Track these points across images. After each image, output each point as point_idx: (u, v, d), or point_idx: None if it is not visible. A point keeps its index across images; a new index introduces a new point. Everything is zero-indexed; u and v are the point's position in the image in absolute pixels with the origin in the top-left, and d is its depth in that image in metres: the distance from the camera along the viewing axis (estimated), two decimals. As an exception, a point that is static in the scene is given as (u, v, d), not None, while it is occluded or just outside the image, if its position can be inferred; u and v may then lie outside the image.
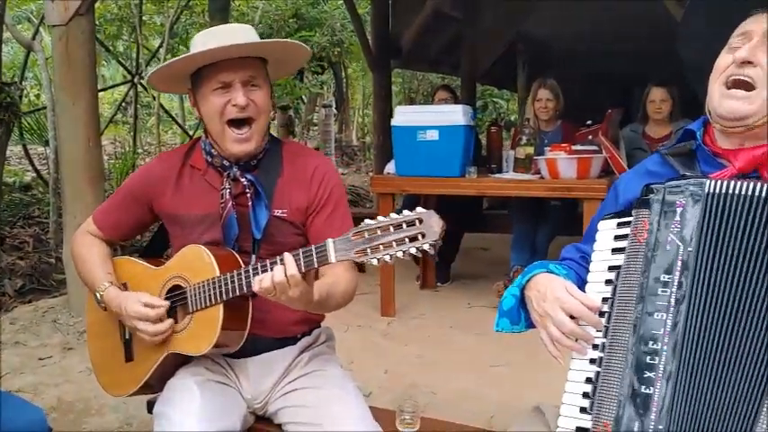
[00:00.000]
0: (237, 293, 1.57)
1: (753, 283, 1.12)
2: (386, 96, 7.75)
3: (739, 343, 1.11)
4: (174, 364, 1.76)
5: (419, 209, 1.36)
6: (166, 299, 1.72)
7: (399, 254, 1.35)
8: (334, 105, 12.19)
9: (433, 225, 1.34)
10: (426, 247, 1.34)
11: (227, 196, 1.72)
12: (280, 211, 1.75)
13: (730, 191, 1.15)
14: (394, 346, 3.73)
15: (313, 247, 1.45)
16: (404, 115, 4.17)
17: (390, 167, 4.46)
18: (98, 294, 1.77)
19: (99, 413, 2.94)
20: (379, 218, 1.38)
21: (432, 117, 4.05)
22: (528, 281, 1.40)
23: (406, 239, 1.34)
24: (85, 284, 1.86)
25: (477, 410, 2.78)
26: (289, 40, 1.83)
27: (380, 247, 1.36)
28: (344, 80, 14.04)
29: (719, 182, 1.17)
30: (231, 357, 1.79)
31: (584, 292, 1.31)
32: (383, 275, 4.18)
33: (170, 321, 1.69)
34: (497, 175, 4.14)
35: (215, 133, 1.73)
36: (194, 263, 1.67)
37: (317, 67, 11.34)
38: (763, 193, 1.13)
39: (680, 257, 1.16)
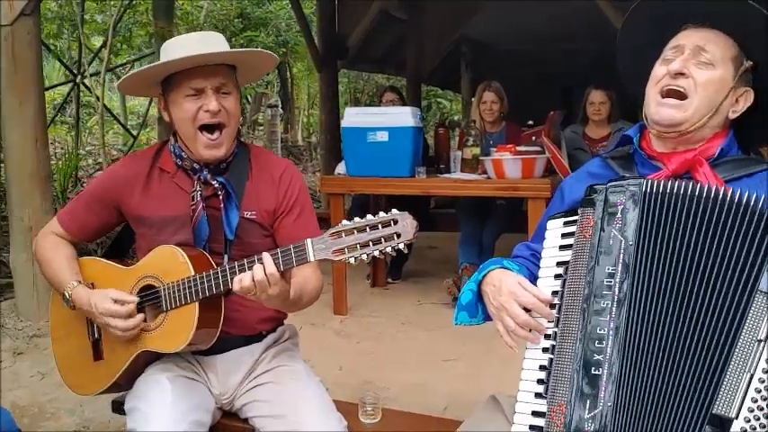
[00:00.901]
0: (214, 292, 1.62)
1: (691, 273, 1.22)
2: (333, 96, 7.81)
3: (680, 333, 1.21)
4: (145, 362, 1.80)
5: (394, 210, 1.44)
6: (138, 297, 1.76)
7: (376, 253, 1.43)
8: (279, 105, 12.15)
9: (408, 226, 1.42)
10: (401, 246, 1.42)
11: (198, 198, 1.77)
12: (249, 212, 1.81)
13: (666, 190, 1.27)
14: (347, 344, 3.81)
15: (292, 246, 1.51)
16: (354, 117, 4.23)
17: (341, 168, 4.53)
18: (67, 293, 1.79)
19: (54, 417, 2.93)
20: (356, 219, 1.45)
21: (381, 118, 4.13)
22: (484, 276, 1.49)
23: (382, 239, 1.42)
24: (51, 285, 1.88)
25: (430, 403, 2.87)
26: (261, 49, 1.88)
27: (357, 246, 1.43)
28: (289, 80, 14.01)
29: (656, 182, 1.29)
30: (199, 355, 1.84)
31: (535, 286, 1.40)
32: (335, 275, 4.25)
33: (141, 316, 1.72)
34: (446, 175, 4.25)
35: (186, 137, 1.77)
36: (168, 263, 1.71)
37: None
38: (696, 192, 1.24)
39: (622, 250, 1.27)
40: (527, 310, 1.37)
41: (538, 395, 1.33)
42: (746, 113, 1.42)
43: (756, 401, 1.13)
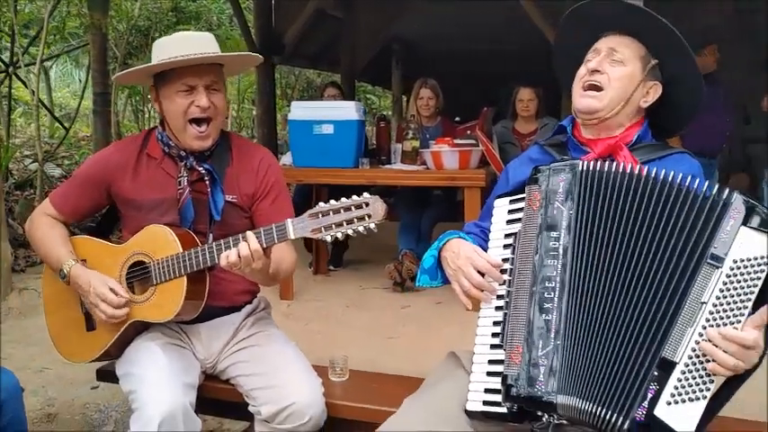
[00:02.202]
0: (201, 267, 1.80)
1: (621, 233, 1.47)
2: (269, 92, 7.94)
3: (626, 285, 1.44)
4: (134, 332, 1.97)
5: (365, 194, 1.64)
6: (128, 273, 1.93)
7: (350, 231, 1.63)
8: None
9: (378, 208, 1.62)
10: (372, 226, 1.62)
11: (185, 183, 1.94)
12: (230, 196, 1.98)
13: (598, 168, 1.53)
14: (296, 325, 4.00)
15: (274, 225, 1.71)
16: (300, 110, 4.43)
17: (286, 159, 4.71)
18: (65, 269, 1.93)
19: (18, 396, 3.01)
20: (332, 201, 1.65)
21: (327, 112, 4.35)
22: (444, 244, 1.72)
23: (355, 219, 1.62)
24: (47, 262, 2.02)
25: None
26: (250, 53, 2.08)
27: (333, 225, 1.63)
28: (220, 74, 13.93)
29: (590, 162, 1.56)
30: (184, 324, 2.01)
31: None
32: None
33: (126, 310, 1.89)
34: (387, 166, 4.50)
35: (176, 128, 1.94)
36: (158, 241, 1.88)
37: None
38: (621, 169, 1.50)
39: (565, 219, 1.52)
40: (481, 275, 1.60)
41: (493, 346, 1.55)
42: (660, 107, 1.72)
43: (695, 350, 1.36)
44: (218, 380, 2.07)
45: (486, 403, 1.52)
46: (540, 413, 1.48)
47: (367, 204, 1.62)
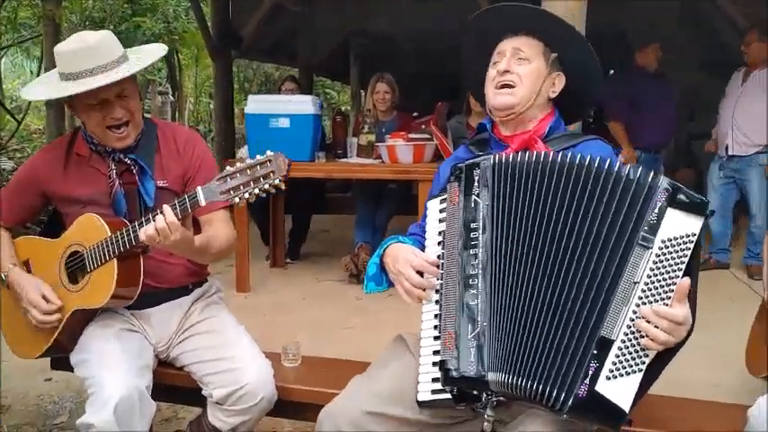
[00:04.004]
0: (128, 247, 1.84)
1: (532, 214, 1.55)
2: (227, 85, 7.91)
3: (532, 262, 1.53)
4: (80, 322, 2.00)
5: (269, 152, 1.68)
6: (67, 264, 1.97)
7: (257, 191, 1.66)
8: (170, 93, 12.00)
9: (281, 163, 1.67)
10: (277, 182, 1.66)
11: (114, 176, 1.99)
12: (161, 182, 2.03)
13: (510, 160, 1.61)
14: (253, 317, 4.03)
15: (186, 195, 1.76)
16: (257, 104, 4.46)
17: (243, 152, 4.74)
18: (2, 275, 2.00)
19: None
20: (237, 164, 1.69)
21: (283, 106, 4.40)
22: (384, 250, 1.80)
23: (261, 178, 1.66)
24: None
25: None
26: (152, 57, 2.02)
27: (241, 187, 1.67)
28: (177, 67, 13.82)
29: (502, 155, 1.63)
30: (134, 309, 2.05)
31: (424, 253, 1.72)
32: (237, 254, 4.48)
33: (57, 317, 1.94)
34: (343, 160, 4.56)
35: (97, 134, 1.97)
36: (88, 229, 1.92)
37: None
38: (532, 159, 1.58)
39: (482, 210, 1.61)
40: (420, 274, 1.68)
41: (435, 338, 1.63)
42: (566, 97, 1.84)
43: (630, 327, 1.44)
44: (171, 367, 2.11)
45: (434, 392, 1.60)
46: (476, 392, 1.56)
47: (270, 161, 1.67)
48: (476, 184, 1.63)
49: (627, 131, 5.16)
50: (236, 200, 1.68)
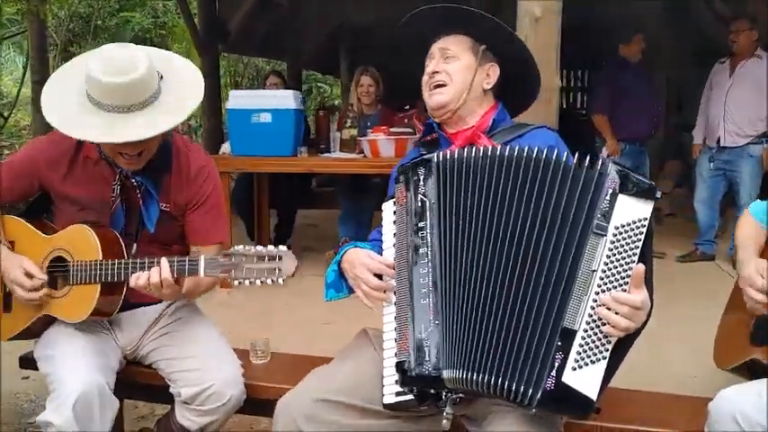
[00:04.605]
0: (115, 281, 1.83)
1: (480, 210, 1.55)
2: (214, 80, 7.88)
3: (485, 259, 1.53)
4: (48, 322, 1.98)
5: (281, 247, 1.69)
6: (50, 266, 1.94)
7: (257, 282, 1.69)
8: (159, 88, 11.92)
9: (290, 265, 1.68)
10: (280, 281, 1.69)
11: (117, 191, 1.93)
12: (164, 205, 1.98)
13: (455, 156, 1.61)
14: (234, 313, 4.04)
15: (187, 258, 1.76)
16: (238, 99, 4.45)
17: (225, 148, 4.72)
18: None
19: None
20: (249, 247, 1.70)
21: (265, 101, 4.39)
22: (342, 256, 1.79)
23: (266, 271, 1.68)
24: None
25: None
26: (194, 103, 1.86)
27: (244, 271, 1.68)
28: (167, 62, 13.73)
29: (446, 152, 1.64)
30: None
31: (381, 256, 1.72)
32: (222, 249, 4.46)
33: (44, 291, 1.90)
34: (326, 155, 4.55)
35: (107, 153, 1.90)
36: (80, 242, 1.88)
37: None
38: (477, 154, 1.58)
39: (428, 208, 1.61)
40: (380, 277, 1.67)
41: (396, 339, 1.62)
42: (509, 87, 1.85)
43: (591, 316, 1.44)
44: (141, 365, 2.10)
45: (398, 394, 1.60)
46: (434, 391, 1.56)
47: (280, 258, 1.68)
48: (421, 183, 1.63)
49: (611, 123, 5.16)
50: (235, 282, 1.69)
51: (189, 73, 1.92)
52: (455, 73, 1.79)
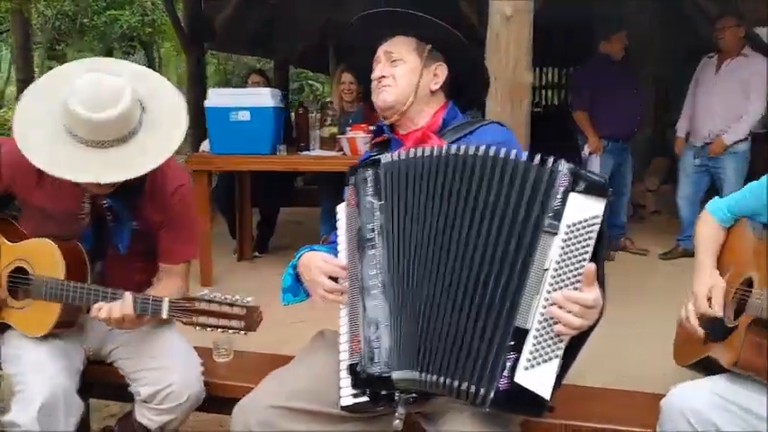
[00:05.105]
0: (76, 304, 1.83)
1: (428, 210, 1.54)
2: (200, 77, 7.86)
3: (435, 259, 1.52)
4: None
5: (248, 298, 1.72)
6: (11, 276, 1.93)
7: (218, 330, 1.73)
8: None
9: (255, 318, 1.72)
10: (241, 333, 1.72)
11: (87, 209, 1.91)
12: (136, 223, 1.96)
13: (401, 158, 1.60)
14: (213, 311, 4.03)
15: (151, 298, 1.76)
16: (217, 97, 4.45)
17: (205, 146, 4.72)
18: None
19: None
20: (216, 294, 1.72)
21: (243, 99, 4.39)
22: (298, 260, 1.79)
23: (229, 319, 1.71)
24: None
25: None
26: (173, 143, 1.79)
27: (207, 319, 1.71)
28: (157, 60, 13.74)
29: (393, 154, 1.62)
30: None
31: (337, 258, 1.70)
32: (201, 248, 4.45)
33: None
34: (305, 153, 4.55)
35: None
36: (44, 257, 1.87)
37: (128, 47, 11.06)
38: (423, 154, 1.57)
39: (377, 209, 1.60)
40: (336, 280, 1.67)
41: None
42: (460, 83, 1.84)
43: (543, 315, 1.44)
44: (103, 364, 2.09)
45: (354, 395, 1.59)
46: (385, 392, 1.56)
47: (247, 310, 1.72)
48: (369, 185, 1.62)
49: (593, 121, 5.16)
50: (196, 328, 1.71)
51: (172, 103, 1.83)
52: (400, 77, 1.77)
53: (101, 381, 2.12)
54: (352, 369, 1.58)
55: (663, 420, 1.67)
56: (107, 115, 1.68)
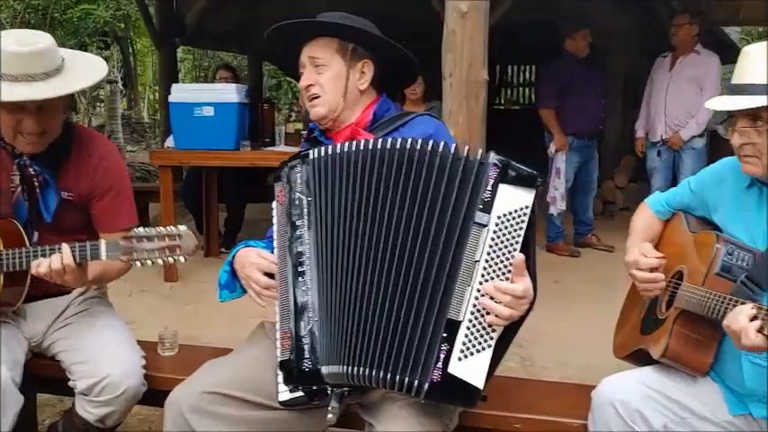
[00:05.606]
0: (17, 269, 1.82)
1: (356, 205, 1.54)
2: (172, 73, 7.81)
3: (363, 254, 1.52)
4: None
5: (181, 227, 1.72)
6: None
7: (160, 261, 1.73)
8: (119, 81, 11.84)
9: (189, 243, 1.72)
10: (181, 259, 1.72)
11: (17, 182, 1.92)
12: (66, 193, 1.98)
13: (328, 153, 1.60)
14: (175, 306, 4.04)
15: (88, 243, 1.75)
16: (180, 92, 4.44)
17: (169, 141, 4.70)
18: None
19: None
20: (149, 228, 1.72)
21: (207, 94, 4.38)
22: (233, 257, 1.79)
23: (167, 250, 1.70)
24: None
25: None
26: (90, 82, 1.95)
27: (144, 252, 1.71)
28: (132, 55, 13.63)
29: (321, 150, 1.62)
30: None
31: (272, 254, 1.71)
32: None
33: None
34: (270, 148, 4.55)
35: (7, 136, 1.90)
36: None
37: (101, 43, 10.95)
38: (351, 148, 1.57)
39: (305, 207, 1.61)
40: (272, 276, 1.67)
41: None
42: (390, 72, 1.82)
43: (476, 306, 1.45)
44: (44, 357, 2.09)
45: (291, 390, 1.61)
46: (316, 387, 1.58)
47: (180, 237, 1.71)
48: (298, 181, 1.63)
49: (559, 118, 5.20)
50: (137, 264, 1.71)
51: (90, 57, 2.00)
52: (326, 83, 1.74)
53: (45, 375, 2.11)
54: (282, 366, 1.59)
55: (593, 410, 1.70)
56: (32, 48, 1.81)
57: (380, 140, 1.56)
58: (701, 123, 4.84)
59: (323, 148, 1.62)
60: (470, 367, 1.45)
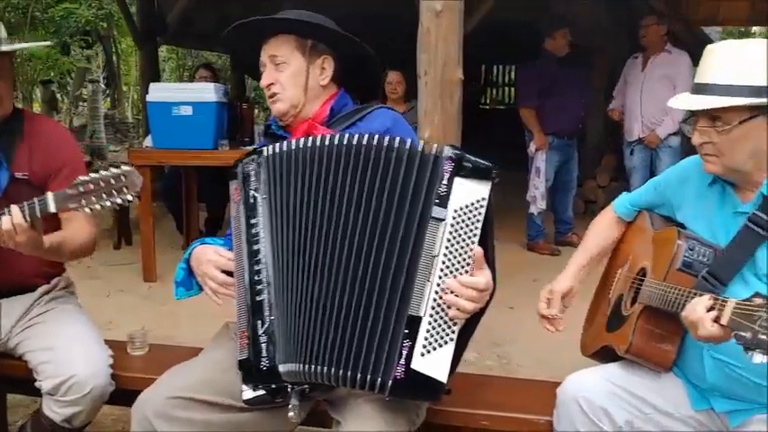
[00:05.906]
0: None
1: (311, 202, 1.53)
2: (153, 72, 7.77)
3: (320, 251, 1.52)
4: None
5: (124, 167, 1.68)
6: None
7: (108, 203, 1.66)
8: (101, 80, 11.76)
9: (135, 180, 1.66)
10: (130, 197, 1.66)
11: None
12: (21, 173, 1.97)
13: (283, 149, 1.59)
14: (152, 306, 4.02)
15: (35, 198, 1.72)
16: (158, 92, 4.41)
17: (148, 141, 4.68)
18: None
19: None
20: (92, 174, 1.68)
21: (185, 94, 4.36)
22: (190, 254, 1.77)
23: (114, 192, 1.66)
24: None
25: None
26: (31, 45, 2.03)
27: (93, 198, 1.66)
28: (115, 54, 13.55)
29: (275, 146, 1.61)
30: None
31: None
32: (143, 243, 4.43)
33: None
34: (248, 148, 4.52)
35: None
36: None
37: (82, 42, 10.88)
38: (306, 144, 1.55)
39: (260, 204, 1.60)
40: (230, 274, 1.66)
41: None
42: (353, 70, 1.82)
43: (436, 300, 1.45)
44: (11, 357, 2.07)
45: (254, 389, 1.60)
46: (275, 386, 1.57)
47: (125, 176, 1.66)
48: (252, 179, 1.62)
49: (539, 117, 5.22)
50: (87, 209, 1.66)
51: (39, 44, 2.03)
52: (287, 81, 1.73)
53: (13, 375, 2.10)
54: (241, 365, 1.59)
55: (558, 407, 1.71)
56: None
57: (336, 136, 1.54)
58: (676, 120, 4.89)
59: (277, 145, 1.61)
60: (433, 362, 1.45)
